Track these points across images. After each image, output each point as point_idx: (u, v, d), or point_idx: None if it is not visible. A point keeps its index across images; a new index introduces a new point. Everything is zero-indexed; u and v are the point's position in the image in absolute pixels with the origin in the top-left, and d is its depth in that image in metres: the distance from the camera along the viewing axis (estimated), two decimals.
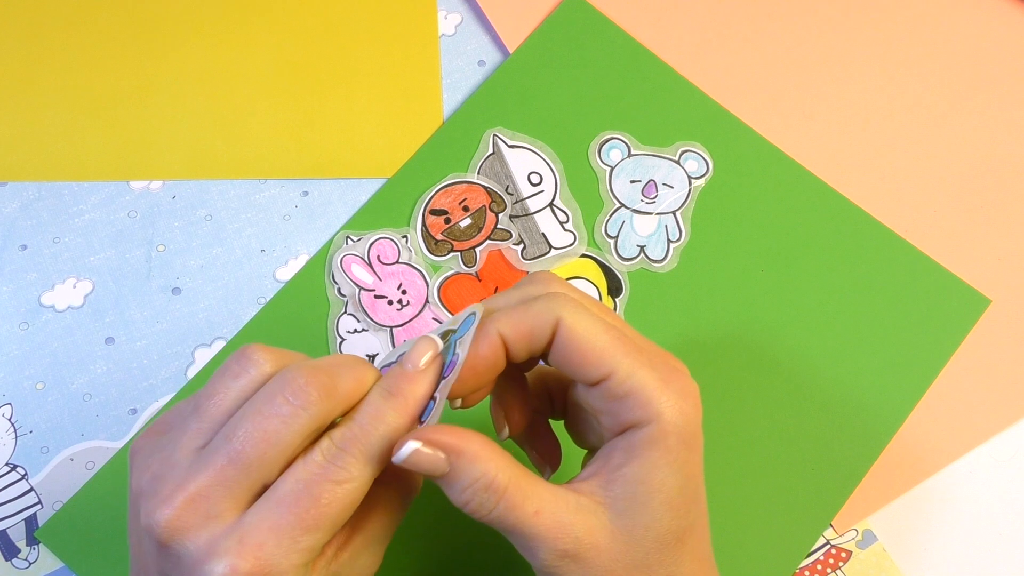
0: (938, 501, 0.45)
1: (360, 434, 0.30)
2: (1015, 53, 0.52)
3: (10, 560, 0.43)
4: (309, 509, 0.28)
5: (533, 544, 0.30)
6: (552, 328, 0.31)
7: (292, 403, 0.29)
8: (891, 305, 0.47)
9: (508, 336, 0.32)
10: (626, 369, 0.30)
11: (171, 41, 0.50)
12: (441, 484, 0.31)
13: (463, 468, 0.30)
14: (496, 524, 0.30)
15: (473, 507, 0.30)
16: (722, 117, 0.49)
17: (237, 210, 0.48)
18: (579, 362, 0.31)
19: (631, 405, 0.30)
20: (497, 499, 0.30)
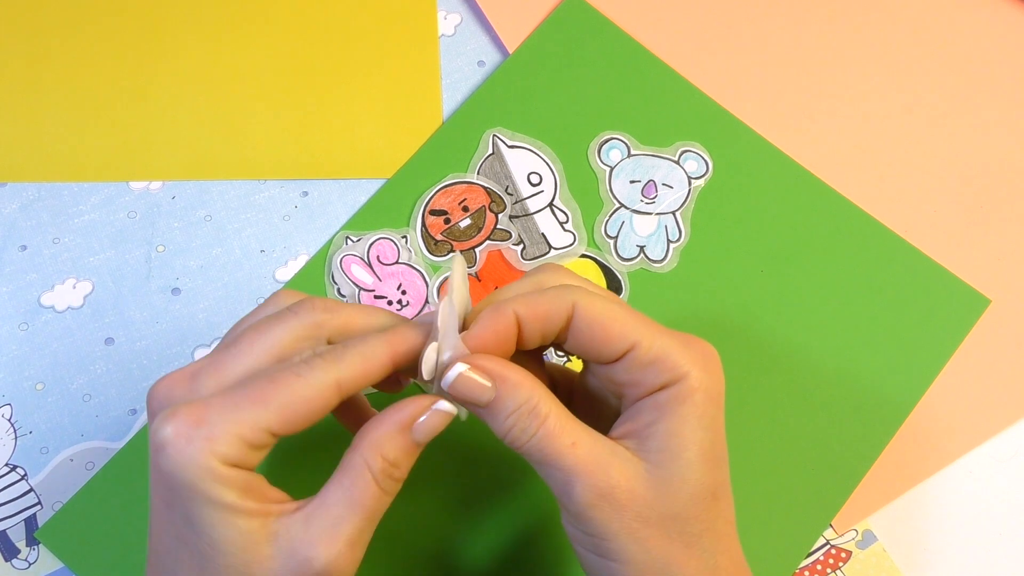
0: (938, 501, 0.45)
1: (339, 348, 0.31)
2: (1015, 53, 0.52)
3: (10, 561, 0.43)
4: (262, 387, 0.30)
5: (570, 479, 0.30)
6: (568, 313, 0.32)
7: (290, 309, 0.32)
8: (891, 305, 0.47)
9: (523, 316, 0.32)
10: (649, 338, 0.32)
11: (171, 41, 0.50)
12: (484, 414, 0.32)
13: (508, 393, 0.31)
14: (535, 454, 0.31)
15: (515, 434, 0.31)
16: (722, 117, 0.49)
17: (237, 210, 0.48)
18: (602, 338, 0.32)
19: (659, 369, 0.31)
20: (538, 425, 0.31)
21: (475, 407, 0.32)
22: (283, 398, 0.30)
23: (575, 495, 0.30)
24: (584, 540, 0.32)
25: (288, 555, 0.29)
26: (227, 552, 0.29)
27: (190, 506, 0.29)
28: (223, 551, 0.29)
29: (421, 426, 0.31)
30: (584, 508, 0.30)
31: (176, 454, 0.29)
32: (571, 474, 0.30)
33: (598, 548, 0.31)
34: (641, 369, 0.32)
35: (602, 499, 0.30)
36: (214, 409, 0.29)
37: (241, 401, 0.30)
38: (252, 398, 0.30)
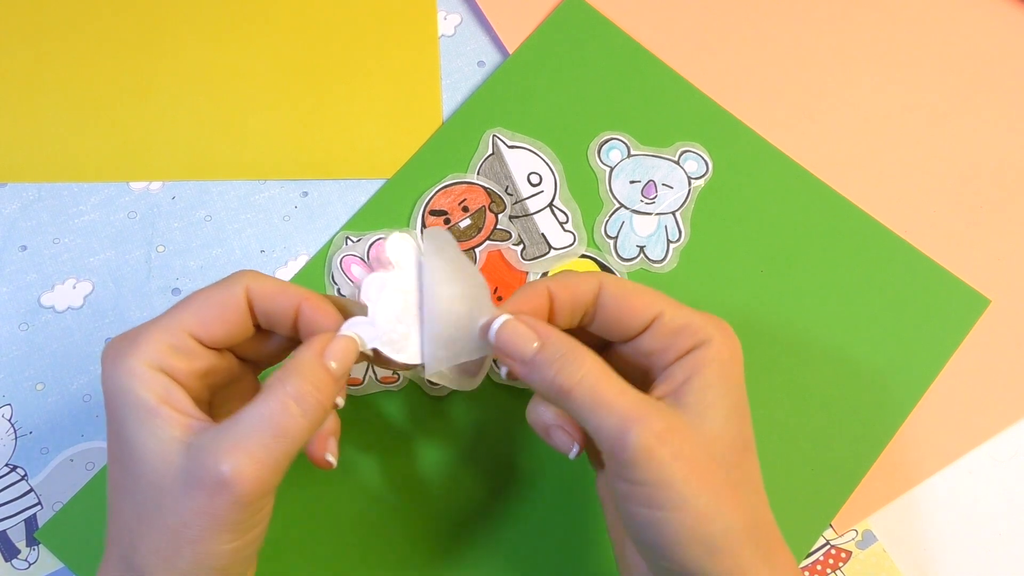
0: (938, 501, 0.45)
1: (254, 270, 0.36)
2: (1015, 53, 0.52)
3: (10, 561, 0.43)
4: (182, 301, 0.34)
5: (625, 423, 0.31)
6: (595, 290, 0.35)
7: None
8: (891, 305, 0.47)
9: (555, 291, 0.35)
10: (672, 308, 0.35)
11: (171, 41, 0.50)
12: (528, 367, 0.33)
13: (553, 341, 0.33)
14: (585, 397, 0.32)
15: (563, 378, 0.32)
16: (721, 117, 0.49)
17: (237, 211, 0.48)
18: (629, 310, 0.35)
19: (686, 334, 0.34)
20: (585, 369, 0.32)
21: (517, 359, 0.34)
22: (197, 302, 0.34)
23: (631, 440, 0.31)
24: (634, 493, 0.32)
25: (196, 464, 0.30)
26: (143, 459, 0.31)
27: (120, 415, 0.32)
28: (140, 458, 0.31)
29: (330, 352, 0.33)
30: (641, 453, 0.31)
31: (110, 365, 0.32)
32: (626, 418, 0.31)
33: (651, 498, 0.31)
34: (669, 336, 0.34)
35: (660, 442, 0.31)
36: (140, 327, 0.33)
37: (163, 315, 0.34)
38: (172, 310, 0.34)
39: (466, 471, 0.44)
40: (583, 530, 0.43)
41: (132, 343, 0.33)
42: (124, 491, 0.32)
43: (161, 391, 0.32)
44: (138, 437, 0.31)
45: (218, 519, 0.30)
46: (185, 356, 0.33)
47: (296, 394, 0.32)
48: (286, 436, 0.31)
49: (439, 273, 0.36)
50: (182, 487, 0.30)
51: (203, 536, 0.30)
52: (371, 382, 0.44)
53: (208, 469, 0.30)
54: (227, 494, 0.30)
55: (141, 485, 0.31)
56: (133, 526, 0.31)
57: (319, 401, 0.32)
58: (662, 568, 0.33)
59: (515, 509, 0.43)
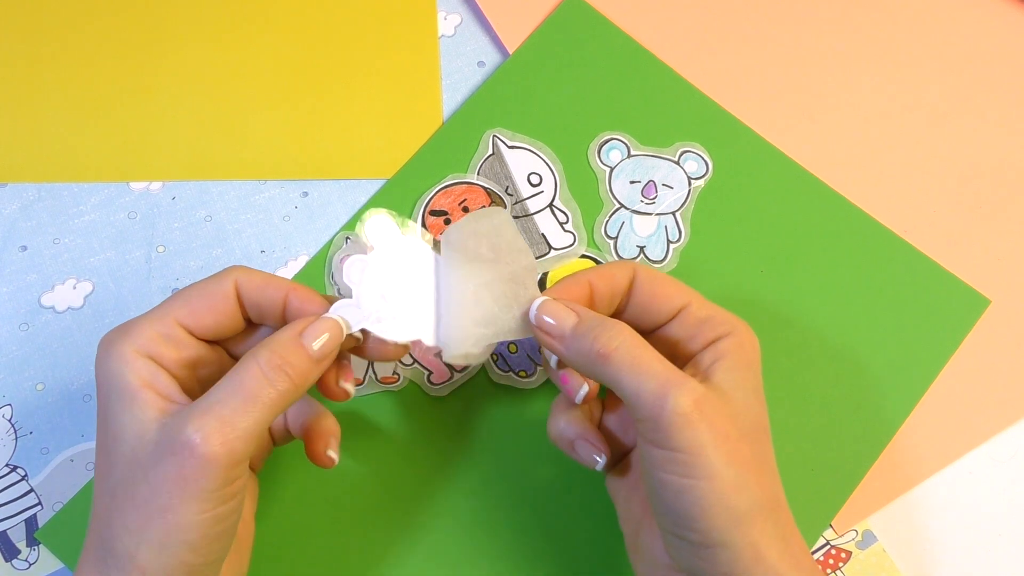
0: (938, 501, 0.45)
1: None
2: (1015, 53, 0.52)
3: (10, 561, 0.43)
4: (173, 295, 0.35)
5: (665, 388, 0.32)
6: (630, 277, 0.37)
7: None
8: (891, 305, 0.47)
9: (594, 281, 0.37)
10: (698, 300, 0.37)
11: (171, 41, 0.50)
12: (566, 341, 0.35)
13: (589, 315, 0.35)
14: (625, 360, 0.33)
15: (602, 342, 0.34)
16: (721, 118, 0.49)
17: (237, 211, 0.48)
18: (661, 295, 0.37)
19: (713, 323, 0.36)
20: (624, 336, 0.34)
21: (556, 335, 0.35)
22: (188, 293, 0.35)
23: (670, 404, 0.32)
24: (670, 461, 0.32)
25: (166, 434, 0.31)
26: (121, 439, 0.32)
27: (107, 401, 0.32)
28: (118, 438, 0.32)
29: (310, 332, 0.34)
30: (679, 417, 0.32)
31: (103, 353, 0.33)
32: (666, 383, 0.32)
33: (685, 465, 0.32)
34: (696, 325, 0.36)
35: (697, 409, 0.32)
36: (134, 318, 0.34)
37: (155, 308, 0.35)
38: (163, 303, 0.35)
39: (466, 471, 0.44)
40: (585, 530, 0.43)
41: (123, 332, 0.33)
42: (103, 473, 0.32)
43: (146, 375, 0.32)
44: (119, 419, 0.32)
45: (187, 485, 0.30)
46: (174, 344, 0.34)
47: (266, 363, 0.32)
48: (255, 402, 0.31)
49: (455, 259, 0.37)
50: (153, 458, 0.31)
51: (172, 504, 0.30)
52: (371, 382, 0.44)
53: (177, 435, 0.30)
54: (195, 457, 0.30)
55: (118, 464, 0.32)
56: (108, 504, 0.32)
57: (288, 374, 0.32)
58: (684, 540, 0.33)
59: (516, 509, 0.43)
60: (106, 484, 0.32)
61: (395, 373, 0.44)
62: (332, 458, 0.37)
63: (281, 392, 0.32)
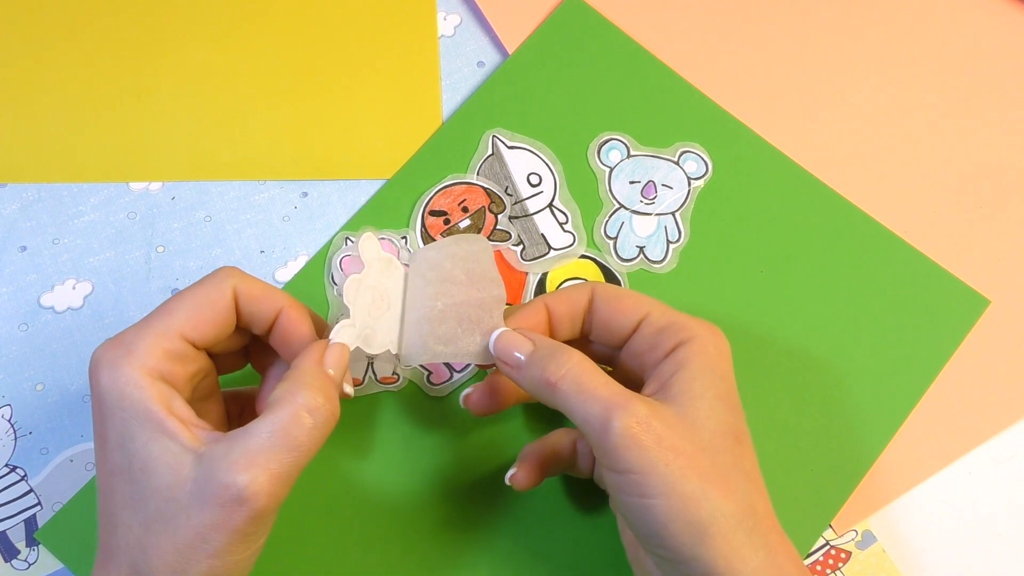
0: (938, 502, 0.45)
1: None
2: (1015, 53, 0.52)
3: (9, 561, 0.43)
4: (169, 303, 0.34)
5: (608, 411, 0.32)
6: (588, 298, 0.37)
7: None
8: (890, 306, 0.47)
9: (551, 305, 0.37)
10: (659, 309, 0.36)
11: (171, 41, 0.50)
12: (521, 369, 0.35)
13: (543, 343, 0.35)
14: (571, 386, 0.33)
15: (551, 370, 0.34)
16: (721, 118, 0.49)
17: (236, 211, 0.48)
18: (618, 310, 0.36)
19: (672, 331, 0.35)
20: (573, 363, 0.34)
21: (513, 365, 0.35)
22: (187, 304, 0.33)
23: (614, 427, 0.32)
24: (624, 484, 0.32)
25: (208, 478, 0.30)
26: (156, 472, 0.31)
27: (124, 427, 0.31)
28: (152, 471, 0.31)
29: (328, 360, 0.34)
30: (623, 439, 0.32)
31: (107, 375, 0.32)
32: (609, 406, 0.32)
33: (639, 486, 0.32)
34: (654, 335, 0.36)
35: (642, 428, 0.32)
36: (131, 332, 0.33)
37: (152, 319, 0.33)
38: (162, 311, 0.33)
39: (467, 471, 0.44)
40: (586, 533, 0.43)
41: (127, 350, 0.32)
42: (132, 503, 0.32)
43: (166, 401, 0.32)
44: (148, 450, 0.31)
45: (235, 532, 0.30)
46: (181, 361, 0.33)
47: (309, 406, 0.32)
48: (300, 449, 0.31)
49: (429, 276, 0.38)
50: (197, 501, 0.30)
51: (220, 551, 0.31)
52: (371, 382, 0.44)
53: (226, 484, 0.30)
54: (245, 508, 0.30)
55: (153, 498, 0.31)
56: (141, 537, 0.31)
57: (330, 411, 0.33)
58: (661, 558, 0.33)
59: (516, 510, 0.43)
60: (136, 515, 0.32)
61: (395, 373, 0.44)
62: (348, 393, 0.36)
63: (323, 432, 0.32)
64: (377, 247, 0.39)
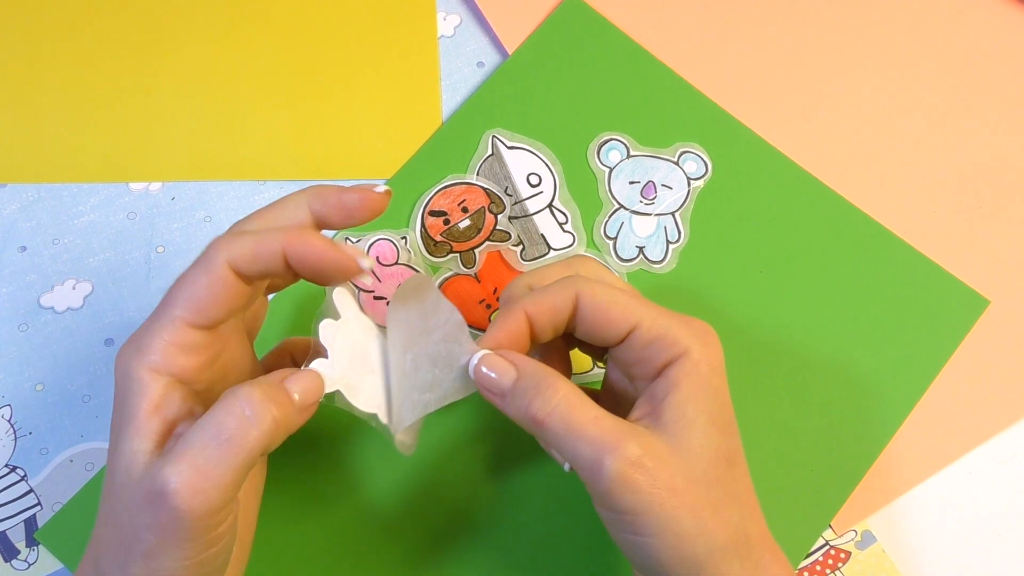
0: (938, 502, 0.45)
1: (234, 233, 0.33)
2: (1015, 53, 0.52)
3: (9, 561, 0.43)
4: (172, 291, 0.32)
5: (599, 453, 0.31)
6: (572, 302, 0.34)
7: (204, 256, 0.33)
8: (890, 306, 0.47)
9: (532, 312, 0.34)
10: (650, 317, 0.34)
11: (171, 42, 0.50)
12: (505, 398, 0.33)
13: (527, 372, 0.33)
14: (558, 426, 0.32)
15: (536, 407, 0.32)
16: (721, 118, 0.49)
17: (236, 211, 0.48)
18: (605, 321, 0.34)
19: (662, 345, 0.33)
20: (559, 398, 0.32)
21: (497, 392, 0.34)
22: (185, 290, 0.32)
23: (606, 469, 0.31)
24: (618, 522, 0.32)
25: (147, 476, 0.29)
26: (115, 470, 0.31)
27: (116, 424, 0.31)
28: (114, 468, 0.31)
29: (293, 382, 0.32)
30: (617, 483, 0.31)
31: (119, 373, 0.32)
32: (600, 447, 0.31)
33: (633, 526, 0.31)
34: (645, 347, 0.34)
35: (635, 469, 0.31)
36: (143, 328, 0.32)
37: (160, 310, 0.32)
38: (166, 302, 0.32)
39: (466, 477, 0.44)
40: (585, 537, 0.43)
41: (138, 348, 0.32)
42: (105, 494, 0.32)
43: (157, 400, 0.31)
44: (118, 446, 0.31)
45: (166, 534, 0.29)
46: (190, 351, 0.32)
47: (245, 399, 0.30)
48: (232, 444, 0.29)
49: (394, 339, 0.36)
50: (135, 498, 0.30)
51: (153, 551, 0.29)
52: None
53: (154, 481, 0.29)
54: (171, 508, 0.29)
55: (112, 492, 0.31)
56: (102, 531, 0.31)
57: (270, 410, 0.30)
58: None
59: (515, 514, 0.43)
60: (103, 508, 0.32)
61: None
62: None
63: (261, 431, 0.30)
64: (354, 304, 0.36)
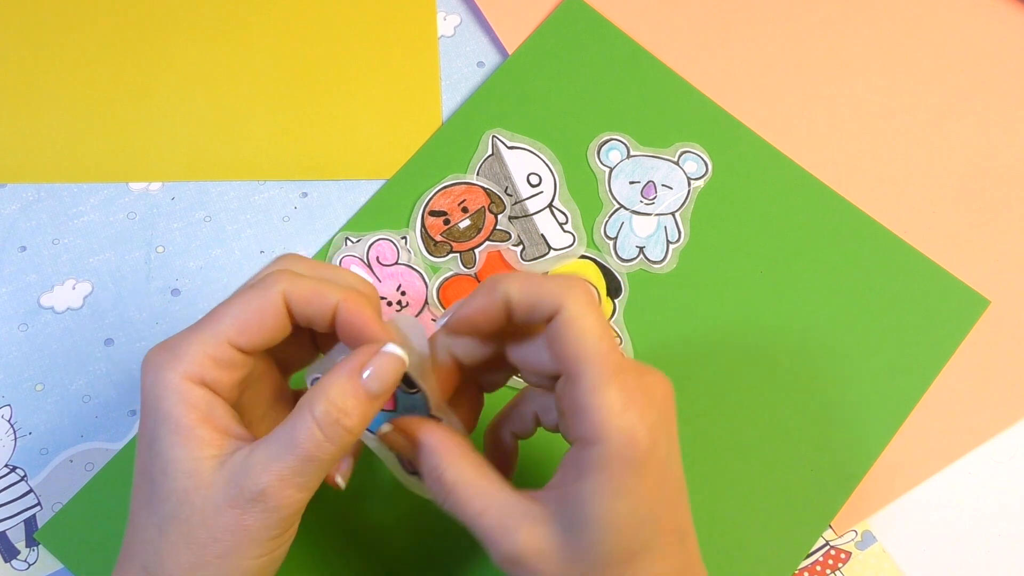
0: (938, 502, 0.45)
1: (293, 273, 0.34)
2: (1015, 53, 0.52)
3: (9, 562, 0.43)
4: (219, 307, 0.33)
5: (482, 542, 0.32)
6: (553, 311, 0.32)
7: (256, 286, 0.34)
8: (890, 306, 0.47)
9: (514, 298, 0.33)
10: (593, 381, 0.31)
11: (171, 42, 0.50)
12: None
13: (422, 458, 0.33)
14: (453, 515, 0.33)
15: (432, 495, 0.33)
16: (721, 118, 0.49)
17: (236, 211, 0.48)
18: (561, 354, 0.32)
19: (583, 420, 0.31)
20: (445, 494, 0.32)
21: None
22: (236, 309, 0.32)
23: (491, 556, 0.32)
24: None
25: (227, 482, 0.30)
26: (174, 475, 0.31)
27: (154, 429, 0.31)
28: (171, 474, 0.31)
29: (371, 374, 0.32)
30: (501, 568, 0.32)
31: (150, 378, 0.32)
32: (481, 539, 0.32)
33: None
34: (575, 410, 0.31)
35: (513, 564, 0.31)
36: (181, 336, 0.32)
37: (203, 323, 0.32)
38: (211, 317, 0.32)
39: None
40: None
41: (173, 355, 0.32)
42: (149, 504, 0.32)
43: (203, 407, 0.31)
44: (172, 453, 0.31)
45: (247, 535, 0.30)
46: (227, 367, 0.32)
47: (322, 420, 0.31)
48: (313, 461, 0.31)
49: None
50: (212, 504, 0.30)
51: (231, 551, 0.30)
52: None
53: (241, 488, 0.30)
54: (257, 512, 0.30)
55: (168, 500, 0.31)
56: (155, 539, 0.31)
57: (347, 427, 0.31)
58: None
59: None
60: (152, 517, 0.32)
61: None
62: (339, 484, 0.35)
63: (338, 446, 0.31)
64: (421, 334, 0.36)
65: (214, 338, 0.32)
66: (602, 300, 0.46)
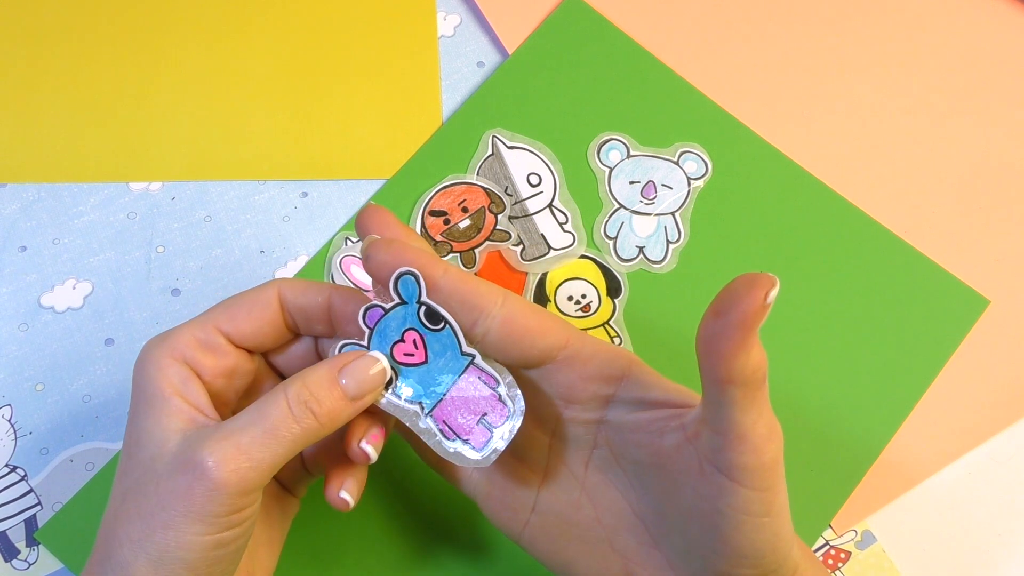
0: (937, 502, 0.45)
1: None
2: (1015, 53, 0.52)
3: (9, 561, 0.43)
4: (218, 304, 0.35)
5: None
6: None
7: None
8: (890, 306, 0.47)
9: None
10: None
11: (171, 41, 0.50)
12: None
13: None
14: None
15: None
16: (721, 118, 0.49)
17: (236, 211, 0.48)
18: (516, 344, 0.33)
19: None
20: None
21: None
22: (230, 301, 0.34)
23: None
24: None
25: (183, 451, 0.31)
26: (142, 444, 0.31)
27: (136, 403, 0.32)
28: (140, 443, 0.32)
29: (347, 370, 0.32)
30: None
31: (140, 357, 0.33)
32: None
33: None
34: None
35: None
36: (177, 326, 0.34)
37: (198, 315, 0.34)
38: (207, 310, 0.34)
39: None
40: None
41: (163, 338, 0.33)
42: (122, 475, 0.32)
43: (176, 382, 0.32)
44: (144, 423, 0.32)
45: (192, 505, 0.30)
46: (212, 352, 0.33)
47: (294, 397, 0.31)
48: (275, 436, 0.31)
49: None
50: (166, 470, 0.31)
51: (174, 521, 0.30)
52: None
53: (192, 454, 0.30)
54: (204, 480, 0.30)
55: (135, 469, 0.31)
56: (117, 508, 0.32)
57: (315, 412, 0.31)
58: None
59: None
60: (121, 486, 0.32)
61: None
62: (345, 500, 0.34)
63: (305, 429, 0.31)
64: None
65: (202, 323, 0.34)
66: (602, 300, 0.46)
